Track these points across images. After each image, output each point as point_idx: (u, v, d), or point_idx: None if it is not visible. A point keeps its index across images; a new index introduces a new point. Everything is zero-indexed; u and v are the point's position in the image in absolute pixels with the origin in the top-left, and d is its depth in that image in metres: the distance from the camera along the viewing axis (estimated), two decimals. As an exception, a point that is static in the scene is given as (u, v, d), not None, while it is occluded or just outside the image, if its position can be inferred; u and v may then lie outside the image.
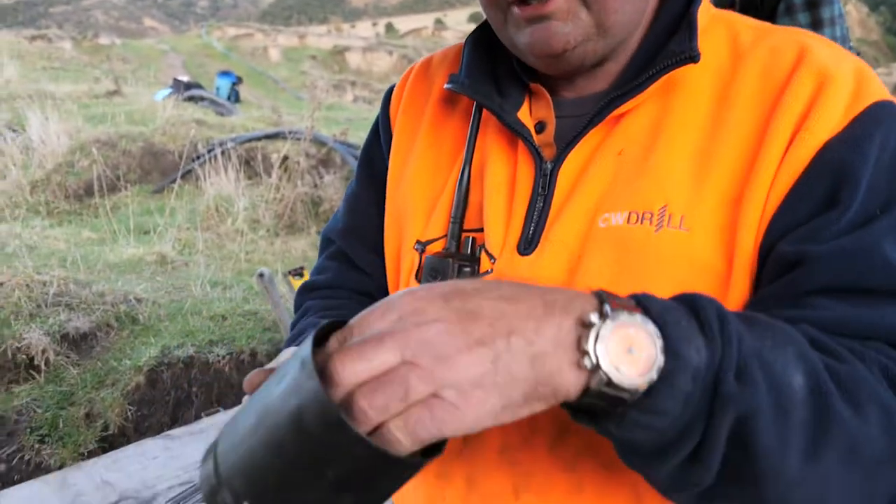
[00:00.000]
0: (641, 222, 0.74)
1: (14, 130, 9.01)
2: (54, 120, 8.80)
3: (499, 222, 0.82)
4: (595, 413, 0.56)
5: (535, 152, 0.81)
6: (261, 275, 3.25)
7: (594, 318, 0.52)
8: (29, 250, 4.92)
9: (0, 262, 4.38)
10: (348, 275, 1.06)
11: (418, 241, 0.89)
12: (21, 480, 2.64)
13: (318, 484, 0.49)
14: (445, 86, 0.89)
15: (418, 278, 0.87)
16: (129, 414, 3.12)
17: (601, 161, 0.79)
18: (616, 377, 0.51)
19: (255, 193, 6.91)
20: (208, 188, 6.82)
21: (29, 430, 3.09)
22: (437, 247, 0.87)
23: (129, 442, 3.08)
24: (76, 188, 7.73)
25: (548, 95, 0.84)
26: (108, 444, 3.10)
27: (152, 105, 10.91)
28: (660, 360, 0.52)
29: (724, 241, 0.72)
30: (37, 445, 3.03)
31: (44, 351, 3.40)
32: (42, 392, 3.29)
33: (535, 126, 0.84)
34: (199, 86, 14.19)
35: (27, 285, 3.77)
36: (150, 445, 1.94)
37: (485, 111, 0.88)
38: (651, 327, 0.52)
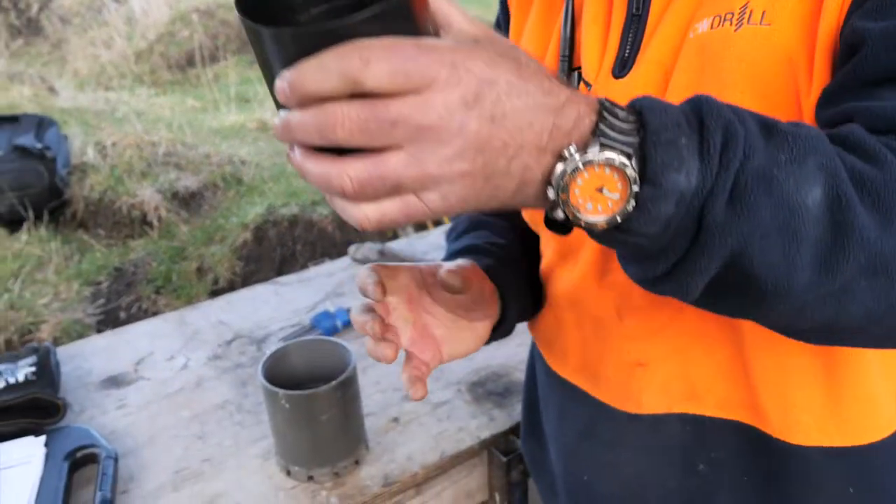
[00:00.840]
0: (722, 24, 0.70)
1: (117, 1, 9.14)
2: (154, -10, 8.86)
3: (594, 49, 0.81)
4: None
5: None
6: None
7: (570, 151, 0.50)
8: (137, 115, 5.06)
9: (112, 125, 4.52)
10: None
11: None
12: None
13: None
14: None
15: None
16: (237, 269, 3.24)
17: None
18: (576, 217, 0.52)
19: (351, 63, 6.85)
20: (306, 57, 6.80)
21: (145, 281, 3.25)
22: None
23: (236, 294, 3.22)
24: (178, 58, 7.84)
25: None
26: (218, 296, 3.25)
27: (248, -25, 10.79)
28: (629, 203, 0.51)
29: (808, 30, 0.67)
30: (153, 296, 3.19)
31: (156, 208, 3.53)
32: (156, 247, 3.44)
33: None
34: (293, -44, 13.95)
35: (138, 145, 3.89)
36: (260, 290, 1.99)
37: None
38: (630, 169, 0.50)
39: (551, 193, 0.51)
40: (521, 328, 1.54)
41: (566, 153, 0.50)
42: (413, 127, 0.46)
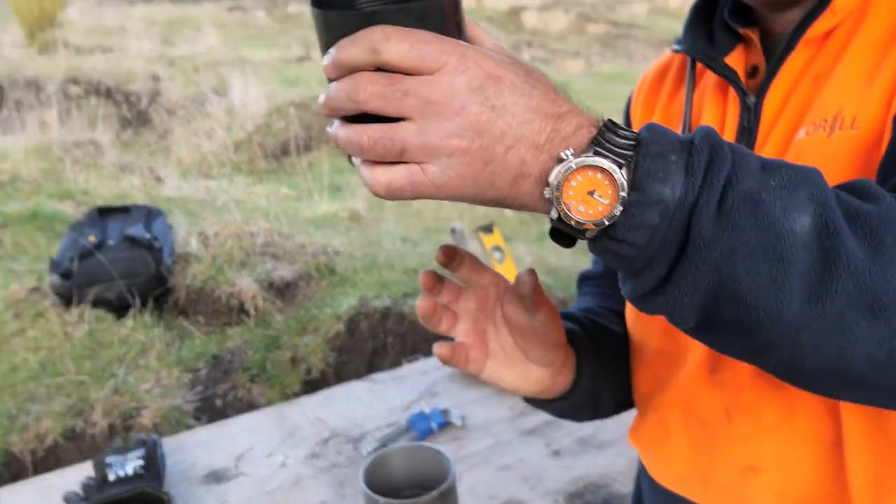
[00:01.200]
0: (817, 131, 0.75)
1: (219, 94, 9.68)
2: (253, 84, 9.36)
3: None
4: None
5: (740, 91, 0.83)
6: (453, 230, 3.30)
7: (566, 154, 0.55)
8: (236, 204, 5.29)
9: (213, 215, 4.74)
10: None
11: None
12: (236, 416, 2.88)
13: None
14: (672, 47, 0.97)
15: None
16: (329, 359, 3.30)
17: (802, 87, 0.79)
18: (567, 215, 0.56)
19: (439, 153, 7.01)
20: (395, 147, 7.00)
21: (241, 369, 3.34)
22: None
23: (329, 386, 3.27)
24: (274, 148, 8.20)
25: (757, 41, 0.86)
26: (311, 387, 3.29)
27: (341, 68, 11.29)
28: (617, 209, 0.55)
29: (883, 129, 0.71)
30: (248, 384, 3.27)
31: (253, 297, 3.65)
32: (252, 335, 3.54)
33: (749, 70, 0.86)
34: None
35: (238, 235, 4.06)
36: (356, 387, 2.02)
37: (699, 68, 0.93)
38: (619, 174, 0.54)
39: (546, 192, 0.56)
40: (619, 436, 1.52)
41: (563, 155, 0.55)
42: (422, 100, 0.53)
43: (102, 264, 3.56)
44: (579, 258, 3.94)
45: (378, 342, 3.33)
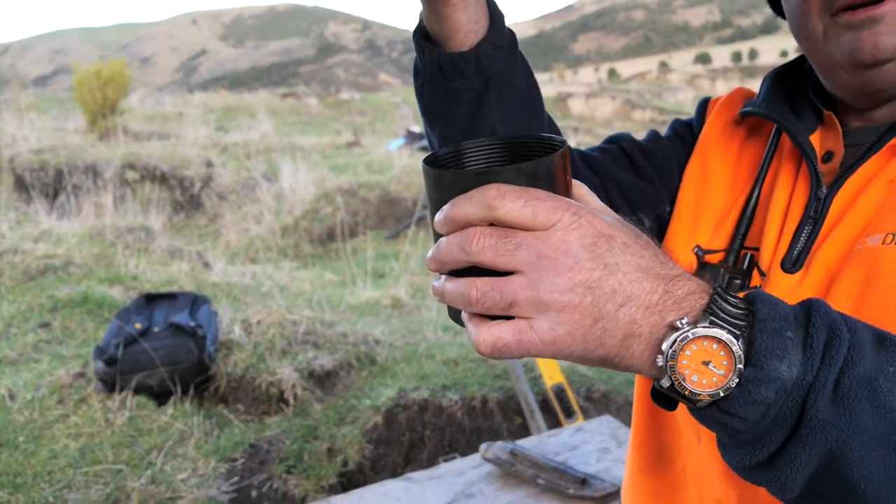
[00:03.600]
0: (895, 242, 0.74)
1: (269, 180, 9.95)
2: (303, 170, 9.61)
3: (771, 241, 0.86)
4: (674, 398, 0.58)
5: (815, 177, 0.84)
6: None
7: (682, 323, 0.54)
8: (280, 290, 5.36)
9: (258, 301, 4.80)
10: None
11: (698, 246, 0.94)
12: (271, 508, 2.82)
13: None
14: (741, 111, 0.95)
15: None
16: (366, 452, 3.25)
17: (873, 189, 0.80)
18: (681, 385, 0.54)
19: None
20: (439, 234, 7.07)
21: (278, 459, 3.31)
22: (714, 258, 0.93)
23: (365, 479, 3.21)
24: (319, 233, 8.35)
25: (838, 126, 0.87)
26: (347, 479, 3.24)
27: (388, 155, 11.59)
28: (732, 381, 0.53)
29: None
30: (284, 475, 3.23)
31: (293, 386, 3.65)
32: (290, 425, 3.52)
33: (823, 155, 0.87)
34: (429, 136, 14.82)
35: (280, 324, 4.08)
36: (392, 486, 1.98)
37: (782, 139, 0.93)
38: (736, 346, 0.53)
39: (660, 360, 0.55)
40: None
41: (678, 324, 0.54)
42: (534, 253, 0.53)
43: (146, 351, 3.60)
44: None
45: (416, 435, 3.28)
